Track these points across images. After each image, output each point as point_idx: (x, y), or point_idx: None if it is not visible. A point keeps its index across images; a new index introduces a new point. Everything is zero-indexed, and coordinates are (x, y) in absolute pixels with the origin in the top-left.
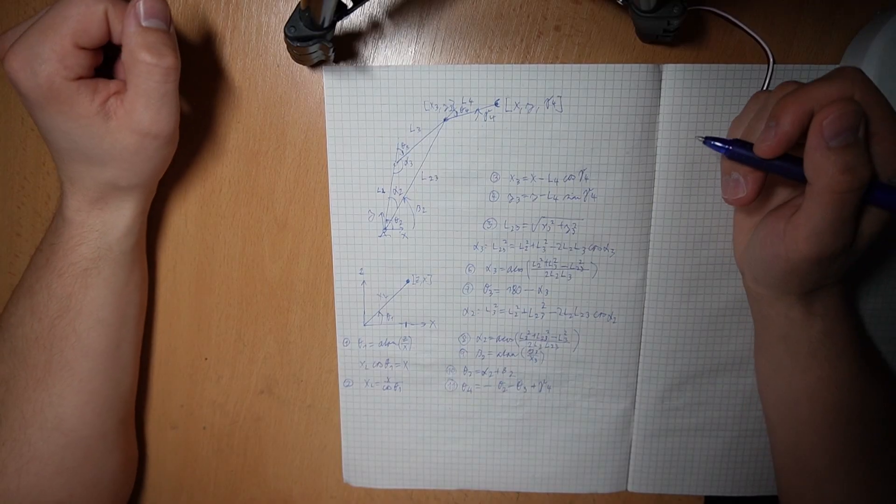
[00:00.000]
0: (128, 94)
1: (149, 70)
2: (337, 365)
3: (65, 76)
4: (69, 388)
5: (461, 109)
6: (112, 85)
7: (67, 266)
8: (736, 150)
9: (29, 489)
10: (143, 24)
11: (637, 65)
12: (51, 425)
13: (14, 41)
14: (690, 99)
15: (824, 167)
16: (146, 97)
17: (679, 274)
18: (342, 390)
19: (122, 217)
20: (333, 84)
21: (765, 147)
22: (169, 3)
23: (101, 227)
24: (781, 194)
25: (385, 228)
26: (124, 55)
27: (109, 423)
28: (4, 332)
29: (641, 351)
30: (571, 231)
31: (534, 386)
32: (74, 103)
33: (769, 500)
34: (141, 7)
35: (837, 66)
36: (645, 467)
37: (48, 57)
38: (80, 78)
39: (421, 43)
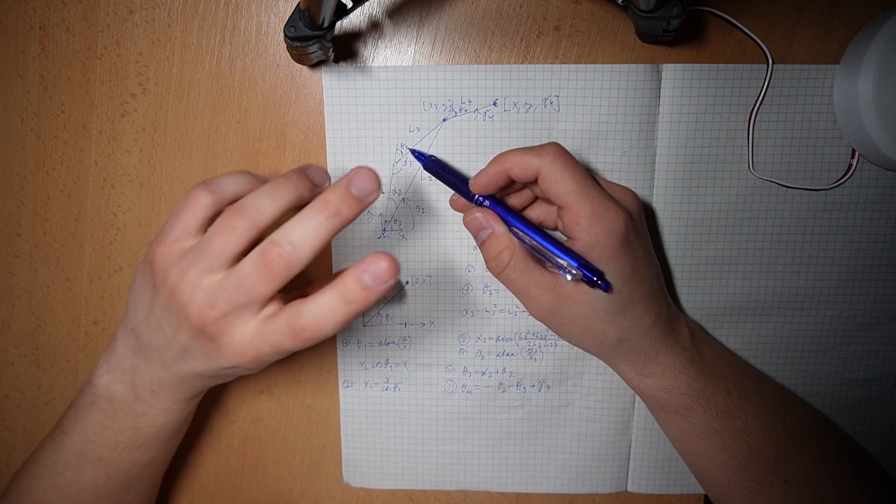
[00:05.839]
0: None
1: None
2: (337, 365)
3: None
4: None
5: (460, 109)
6: None
7: (154, 440)
8: (430, 164)
9: None
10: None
11: (637, 65)
12: None
13: (216, 295)
14: (690, 99)
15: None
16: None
17: (678, 273)
18: (342, 391)
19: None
20: (333, 84)
21: (473, 181)
22: (169, 4)
23: (192, 407)
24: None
25: (384, 229)
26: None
27: None
28: (64, 490)
29: None
30: None
31: (533, 386)
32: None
33: None
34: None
35: (837, 66)
36: (645, 467)
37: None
38: None
39: (420, 43)
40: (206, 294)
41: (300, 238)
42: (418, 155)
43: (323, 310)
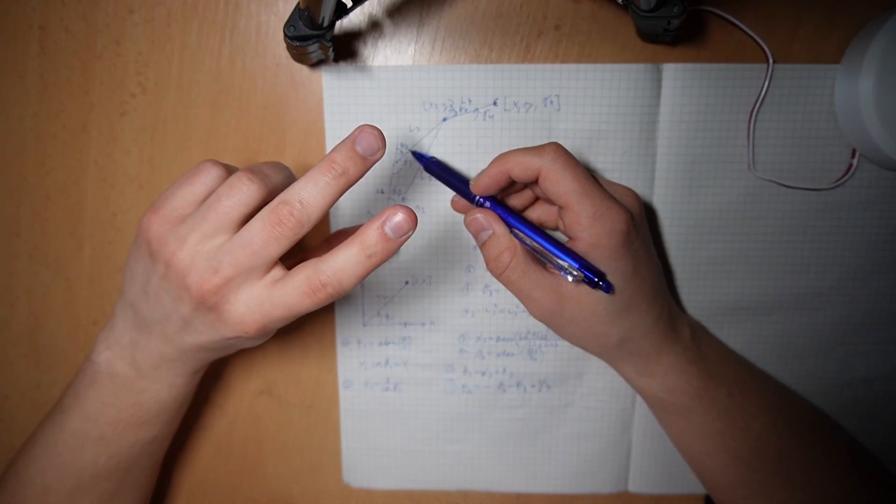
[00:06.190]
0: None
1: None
2: (336, 365)
3: None
4: (134, 501)
5: (460, 109)
6: None
7: (157, 416)
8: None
9: None
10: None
11: (637, 65)
12: None
13: (235, 282)
14: (690, 99)
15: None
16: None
17: (678, 273)
18: (342, 391)
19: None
20: (333, 84)
21: (474, 183)
22: (169, 3)
23: (196, 382)
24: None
25: None
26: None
27: None
28: (63, 470)
29: None
30: None
31: (533, 386)
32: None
33: None
34: None
35: (838, 65)
36: (646, 467)
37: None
38: None
39: (420, 43)
40: (208, 260)
41: (310, 196)
42: (419, 156)
43: (346, 264)
